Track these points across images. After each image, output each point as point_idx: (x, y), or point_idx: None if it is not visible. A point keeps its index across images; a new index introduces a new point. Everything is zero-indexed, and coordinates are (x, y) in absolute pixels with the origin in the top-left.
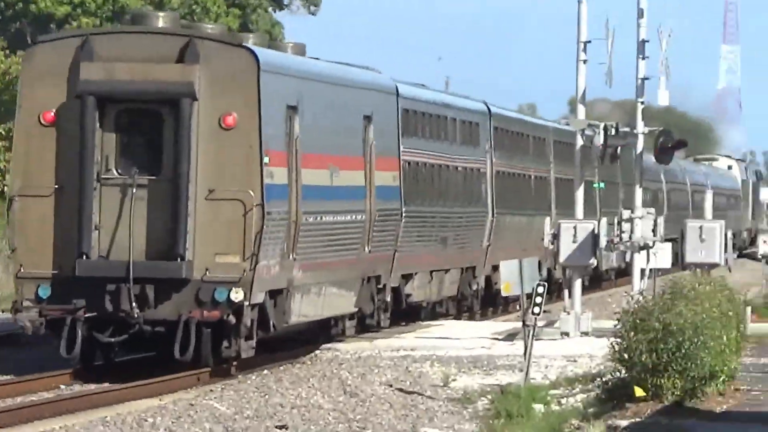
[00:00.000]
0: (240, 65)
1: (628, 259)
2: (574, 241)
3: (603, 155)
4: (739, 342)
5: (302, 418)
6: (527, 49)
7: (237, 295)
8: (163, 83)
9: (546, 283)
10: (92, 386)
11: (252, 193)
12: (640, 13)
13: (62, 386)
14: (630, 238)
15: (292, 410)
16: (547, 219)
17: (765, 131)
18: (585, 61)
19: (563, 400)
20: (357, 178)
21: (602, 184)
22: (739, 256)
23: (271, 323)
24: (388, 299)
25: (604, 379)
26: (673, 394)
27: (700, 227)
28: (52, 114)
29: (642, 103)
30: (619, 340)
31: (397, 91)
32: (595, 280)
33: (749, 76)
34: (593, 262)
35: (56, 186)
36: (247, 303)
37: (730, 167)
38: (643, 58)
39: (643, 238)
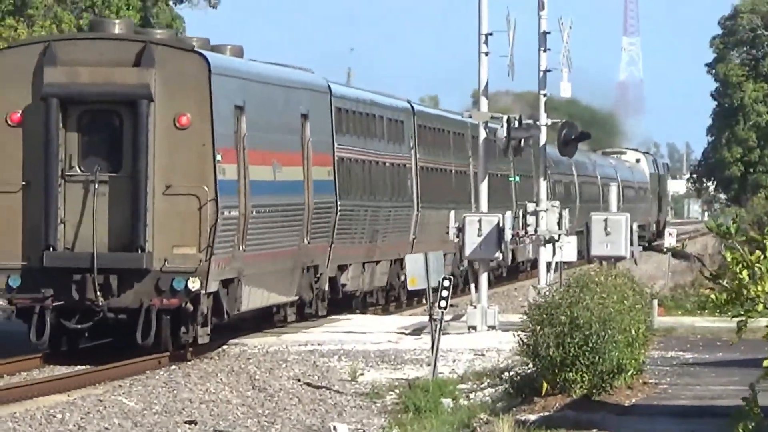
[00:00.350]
0: (192, 68)
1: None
2: (479, 235)
3: (507, 148)
4: (647, 335)
5: (211, 413)
6: (428, 40)
7: (194, 284)
8: (121, 86)
9: (452, 277)
10: (63, 369)
11: (206, 188)
12: (541, 5)
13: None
14: (535, 231)
15: (201, 405)
16: (452, 213)
17: (668, 123)
18: (487, 54)
19: (471, 395)
20: (296, 173)
21: (518, 178)
22: (646, 249)
23: (225, 310)
24: (326, 288)
25: (511, 374)
26: (581, 388)
27: (605, 220)
28: (19, 115)
29: (544, 95)
30: (526, 333)
31: (330, 90)
32: (513, 271)
33: (650, 68)
34: (498, 255)
35: (23, 182)
36: (203, 291)
37: (638, 160)
38: (545, 51)
39: (548, 231)
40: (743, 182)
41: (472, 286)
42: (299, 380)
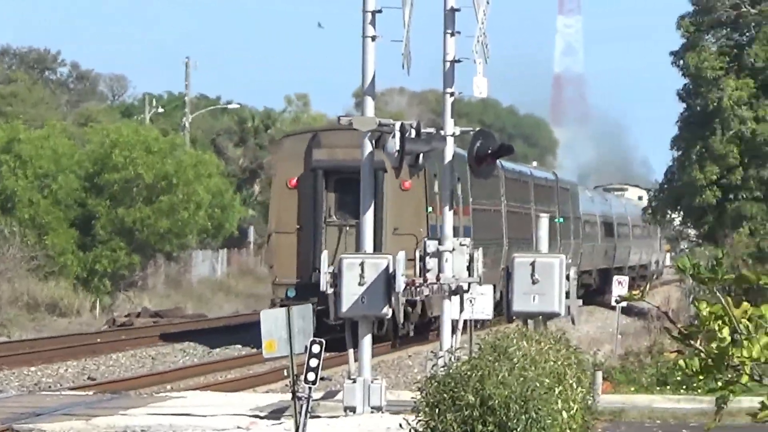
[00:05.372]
0: None
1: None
2: (360, 283)
3: (400, 165)
4: (586, 420)
5: None
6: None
7: None
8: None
9: (323, 341)
10: None
11: (421, 230)
12: None
13: None
14: (437, 278)
15: None
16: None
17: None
18: (374, 38)
19: None
20: (457, 221)
21: (561, 219)
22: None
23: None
24: None
25: None
26: None
27: (532, 263)
28: (295, 181)
29: (451, 94)
30: (419, 418)
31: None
32: (422, 330)
33: (593, 58)
34: (387, 312)
35: (298, 227)
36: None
37: (640, 198)
38: (452, 34)
39: (455, 278)
40: (720, 213)
41: (350, 352)
42: None
